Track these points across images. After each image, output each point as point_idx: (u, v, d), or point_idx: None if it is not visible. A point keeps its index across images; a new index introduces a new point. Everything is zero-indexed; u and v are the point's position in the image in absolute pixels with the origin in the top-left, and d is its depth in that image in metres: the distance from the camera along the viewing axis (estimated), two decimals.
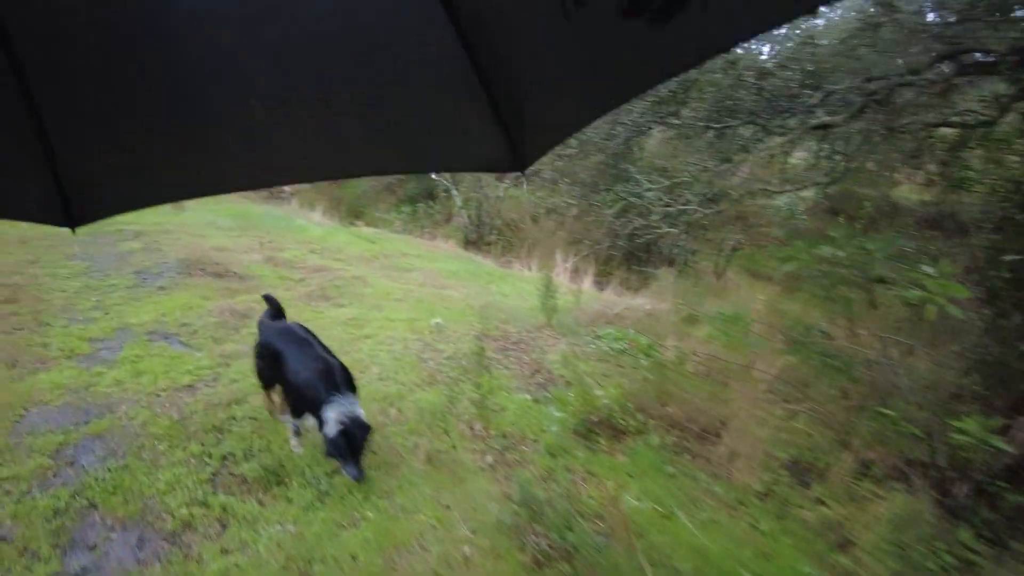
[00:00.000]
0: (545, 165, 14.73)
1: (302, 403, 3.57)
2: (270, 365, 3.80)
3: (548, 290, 7.38)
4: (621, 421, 4.83)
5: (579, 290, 8.37)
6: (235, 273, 7.50)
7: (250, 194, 15.08)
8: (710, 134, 5.98)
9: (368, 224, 17.76)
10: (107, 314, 5.77)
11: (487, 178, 15.08)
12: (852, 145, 7.68)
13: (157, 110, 1.38)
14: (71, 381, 4.37)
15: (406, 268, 8.98)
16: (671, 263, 14.19)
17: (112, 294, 6.35)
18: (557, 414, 4.82)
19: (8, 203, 1.54)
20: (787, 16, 1.11)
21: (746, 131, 6.54)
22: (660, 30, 0.95)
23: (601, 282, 10.98)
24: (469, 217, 15.11)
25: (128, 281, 6.81)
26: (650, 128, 6.17)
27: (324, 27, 1.26)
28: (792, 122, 6.02)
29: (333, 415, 3.32)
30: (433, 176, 15.50)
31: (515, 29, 1.20)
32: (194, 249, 8.39)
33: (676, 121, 6.02)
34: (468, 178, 15.76)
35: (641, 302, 8.59)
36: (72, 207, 1.51)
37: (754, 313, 8.09)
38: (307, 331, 3.93)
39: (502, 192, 14.89)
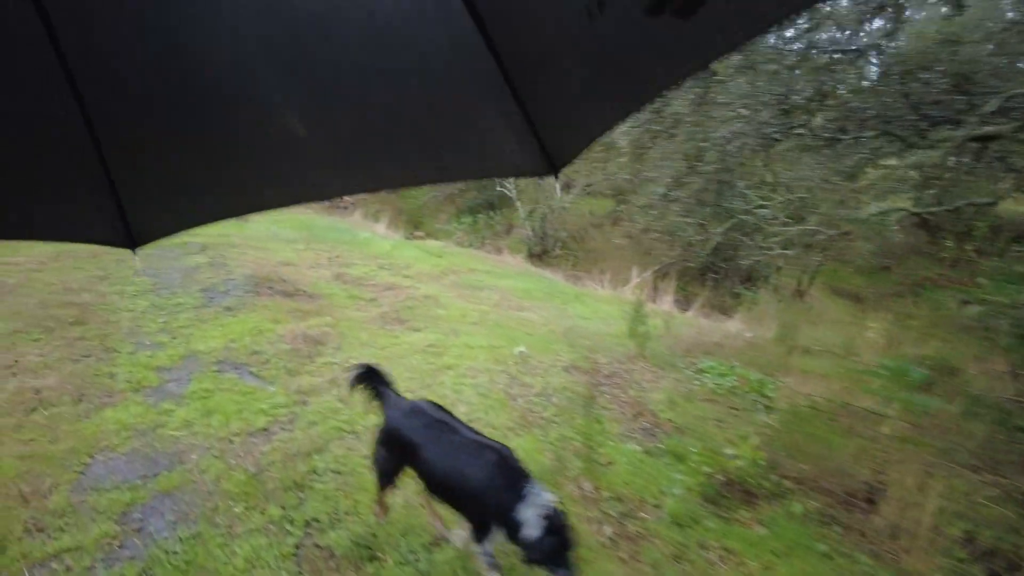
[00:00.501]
0: (610, 175, 14.04)
1: (486, 514, 2.67)
2: (397, 459, 2.94)
3: (638, 315, 6.69)
4: (753, 482, 4.09)
5: (669, 314, 7.63)
6: (304, 292, 7.09)
7: (313, 205, 14.94)
8: (839, 145, 5.17)
9: (428, 234, 17.44)
10: (174, 338, 5.40)
11: (551, 188, 14.48)
12: (965, 156, 6.75)
13: (204, 135, 1.44)
14: (138, 420, 3.95)
15: (477, 286, 8.43)
16: (749, 279, 13.25)
17: (179, 315, 6.00)
18: (678, 475, 4.12)
19: (78, 228, 1.66)
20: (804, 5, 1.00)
21: (876, 142, 5.69)
22: (685, 24, 0.97)
23: (682, 301, 10.17)
24: (533, 229, 14.52)
25: (195, 300, 6.47)
26: (777, 140, 5.40)
27: (357, 44, 1.29)
28: (941, 132, 5.14)
29: (531, 513, 2.52)
30: (497, 186, 15.00)
31: (541, 33, 1.21)
32: (261, 265, 8.06)
33: (801, 131, 5.24)
34: (531, 188, 15.20)
35: (736, 327, 7.78)
36: (133, 229, 1.60)
37: (869, 346, 7.18)
38: (442, 410, 3.03)
39: (568, 203, 14.24)
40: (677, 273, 13.23)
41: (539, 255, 14.13)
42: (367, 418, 4.30)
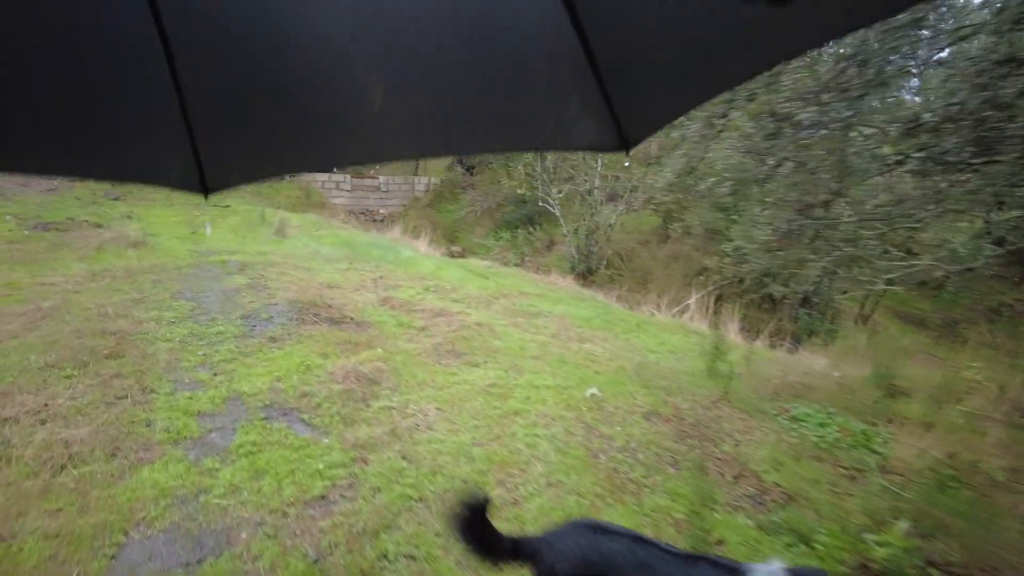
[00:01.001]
0: (654, 188, 13.39)
1: None
2: None
3: (718, 352, 6.02)
4: None
5: (746, 347, 6.93)
6: (351, 319, 6.59)
7: (352, 221, 14.54)
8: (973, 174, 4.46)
9: (466, 249, 16.94)
10: (216, 375, 4.92)
11: (595, 203, 13.86)
12: None
13: (285, 91, 1.49)
14: (179, 483, 3.43)
15: (531, 312, 7.83)
16: (806, 302, 12.43)
17: (220, 346, 5.53)
18: (809, 562, 3.44)
19: (154, 171, 1.72)
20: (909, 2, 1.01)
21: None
22: (778, 12, 0.94)
23: (747, 328, 9.44)
24: (577, 246, 13.89)
25: (236, 328, 6.00)
26: (900, 163, 4.70)
27: (442, 18, 1.31)
28: None
29: None
30: (539, 201, 14.44)
31: (629, 12, 1.20)
32: (303, 287, 7.60)
33: (918, 155, 4.55)
34: (575, 202, 14.60)
35: (821, 364, 7.03)
36: (206, 177, 1.67)
37: (973, 389, 6.38)
38: (599, 524, 2.09)
39: (614, 218, 13.60)
40: (733, 294, 12.48)
41: (584, 274, 13.49)
42: (435, 481, 3.73)
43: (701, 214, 11.83)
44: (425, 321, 6.91)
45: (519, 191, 14.35)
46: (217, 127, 1.56)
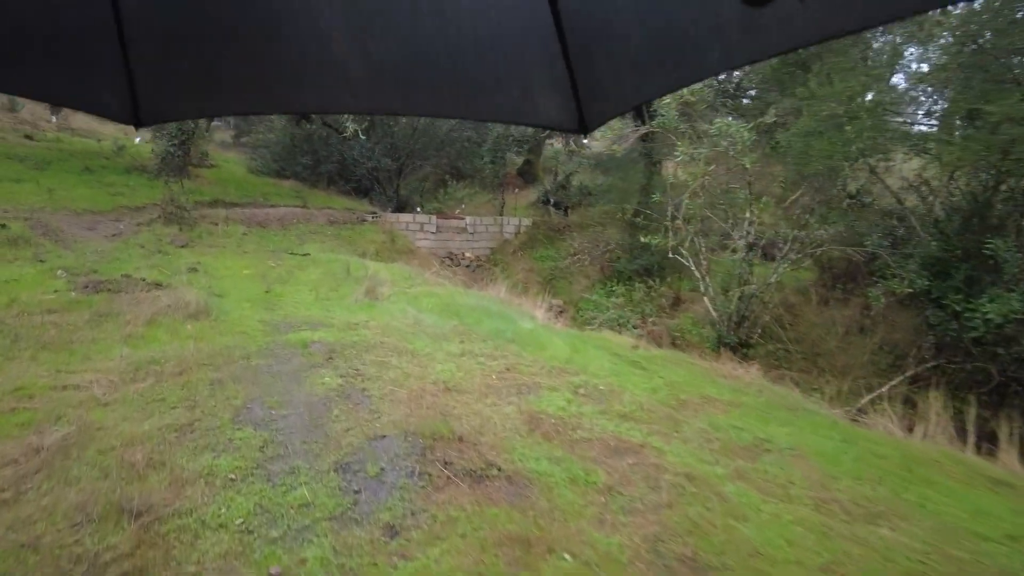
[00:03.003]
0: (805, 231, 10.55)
1: None
2: None
3: None
4: None
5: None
6: (498, 468, 4.19)
7: (447, 275, 12.38)
8: None
9: (566, 303, 14.50)
10: None
11: (737, 251, 11.13)
12: None
13: (238, 29, 1.41)
14: None
15: (750, 446, 5.21)
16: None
17: (305, 542, 3.22)
18: None
19: (84, 95, 1.60)
20: (884, 18, 1.04)
21: None
22: (754, 12, 0.95)
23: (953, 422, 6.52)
24: (718, 308, 11.15)
25: (329, 497, 3.70)
26: None
27: None
28: None
29: None
30: (671, 253, 11.84)
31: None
32: (416, 395, 5.31)
33: None
34: (706, 246, 11.92)
35: None
36: (140, 107, 1.55)
37: None
38: None
39: (776, 275, 10.79)
40: (936, 379, 9.43)
41: (734, 346, 10.71)
42: None
43: (908, 274, 8.92)
44: (607, 471, 4.41)
45: (645, 239, 11.81)
46: (156, 54, 1.46)
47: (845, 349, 10.60)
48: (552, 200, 20.85)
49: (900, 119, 9.72)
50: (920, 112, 11.51)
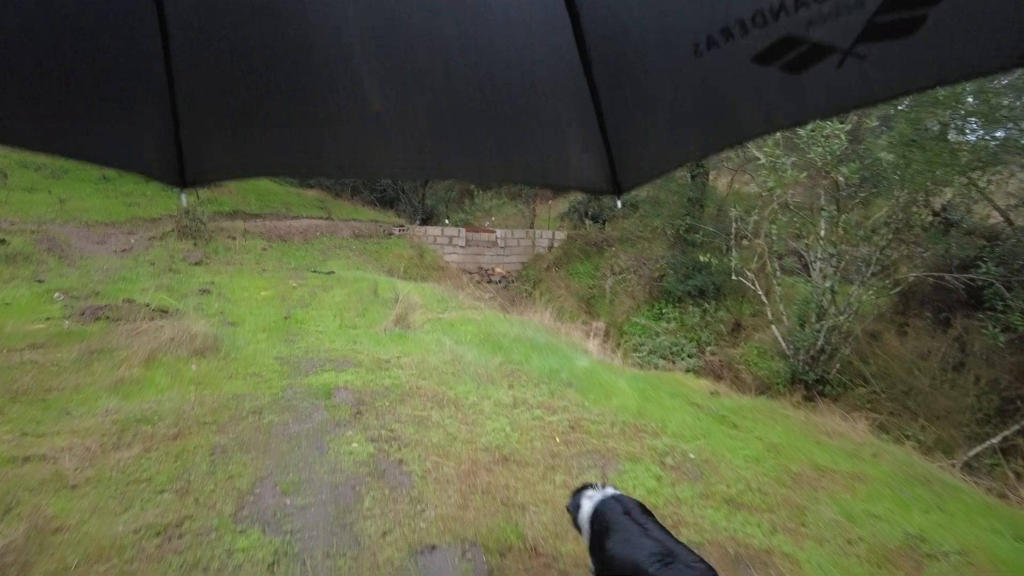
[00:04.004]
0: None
1: None
2: None
3: None
4: None
5: None
6: None
7: (480, 304, 11.25)
8: None
9: (611, 325, 13.27)
10: None
11: (827, 274, 9.79)
12: None
13: (282, 93, 1.44)
14: None
15: (902, 545, 3.96)
16: None
17: None
18: None
19: (130, 156, 1.59)
20: (924, 83, 0.96)
21: None
22: (792, 78, 0.96)
23: None
24: (794, 338, 9.83)
25: None
26: None
27: (455, 42, 1.29)
28: None
29: None
30: (733, 275, 10.58)
31: (642, 62, 1.19)
32: (467, 473, 4.18)
33: None
34: (763, 270, 10.63)
35: None
36: (186, 169, 1.58)
37: None
38: None
39: (858, 301, 9.44)
40: None
41: (809, 383, 9.40)
42: None
43: None
44: None
45: (704, 258, 10.56)
46: (204, 117, 1.48)
47: (939, 388, 9.21)
48: (591, 213, 19.65)
49: (1012, 126, 8.36)
50: None
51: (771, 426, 6.05)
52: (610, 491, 2.69)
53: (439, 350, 7.20)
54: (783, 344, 10.16)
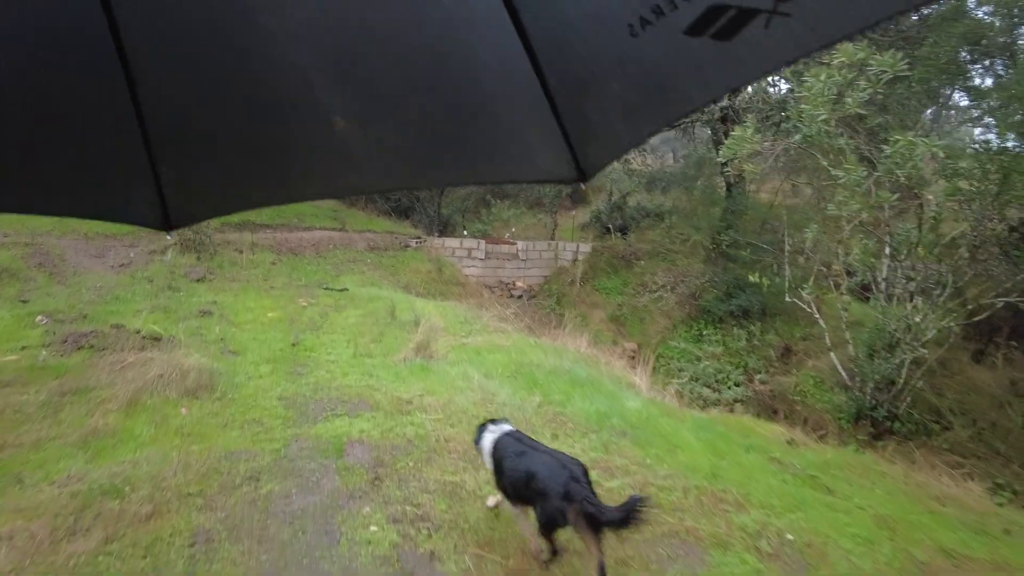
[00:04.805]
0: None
1: None
2: None
3: None
4: None
5: None
6: None
7: (505, 325, 10.29)
8: None
9: (640, 343, 12.26)
10: None
11: (896, 295, 8.73)
12: None
13: (251, 128, 1.47)
14: None
15: None
16: None
17: None
18: None
19: (115, 207, 1.63)
20: (850, 29, 1.01)
21: None
22: (723, 45, 0.99)
23: None
24: (860, 370, 8.76)
25: None
26: None
27: (407, 53, 1.32)
28: None
29: None
30: (788, 298, 9.55)
31: (584, 49, 1.23)
32: (519, 566, 3.22)
33: None
34: (824, 291, 9.59)
35: None
36: (170, 212, 1.59)
37: None
38: None
39: (935, 327, 8.36)
40: None
41: (876, 420, 8.34)
42: None
43: None
44: None
45: (753, 277, 9.53)
46: (180, 159, 1.50)
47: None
48: (616, 224, 18.68)
49: None
50: None
51: (870, 490, 5.04)
52: (506, 427, 3.45)
53: (467, 386, 6.25)
54: (843, 374, 9.11)
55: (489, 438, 3.39)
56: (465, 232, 18.18)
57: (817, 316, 9.46)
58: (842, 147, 6.76)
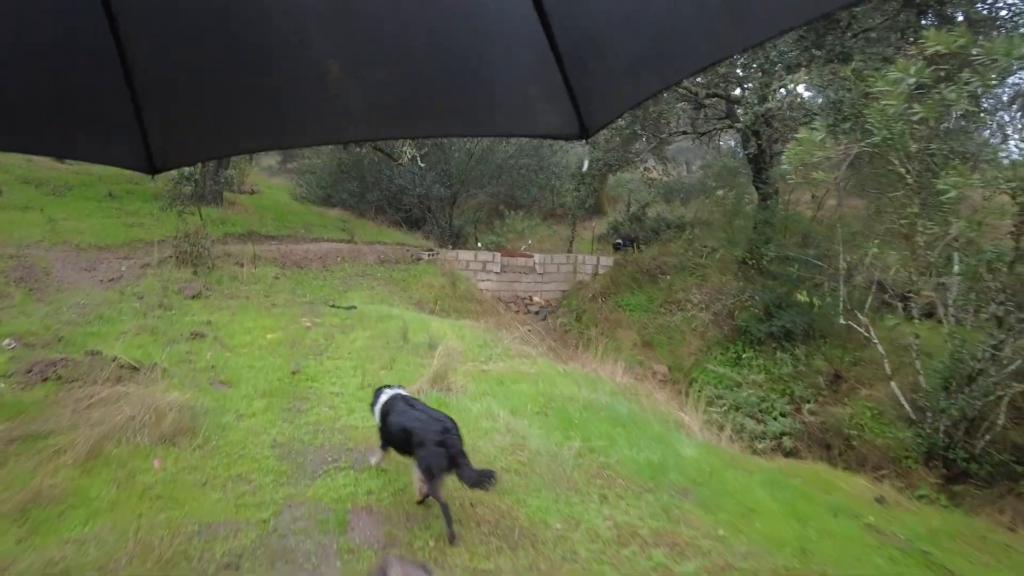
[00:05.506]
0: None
1: None
2: None
3: None
4: None
5: None
6: None
7: (528, 348, 9.37)
8: None
9: (671, 366, 11.31)
10: None
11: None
12: None
13: (239, 72, 1.41)
14: None
15: None
16: None
17: None
18: None
19: (99, 148, 1.61)
20: None
21: None
22: (733, 2, 0.98)
23: None
24: (931, 404, 7.77)
25: None
26: None
27: (406, 1, 1.28)
28: None
29: None
30: (845, 324, 8.58)
31: (593, 3, 1.20)
32: None
33: None
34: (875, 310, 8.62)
35: None
36: (154, 155, 1.55)
37: None
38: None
39: (1014, 358, 7.36)
40: None
41: (952, 461, 7.35)
42: None
43: None
44: None
45: (803, 297, 8.58)
46: (165, 102, 1.45)
47: None
48: (625, 238, 17.81)
49: None
50: None
51: (996, 570, 4.06)
52: (399, 391, 4.13)
53: (493, 427, 5.34)
54: (907, 407, 8.11)
55: (382, 398, 4.03)
56: (479, 244, 17.35)
57: (876, 341, 8.49)
58: (933, 152, 5.83)
